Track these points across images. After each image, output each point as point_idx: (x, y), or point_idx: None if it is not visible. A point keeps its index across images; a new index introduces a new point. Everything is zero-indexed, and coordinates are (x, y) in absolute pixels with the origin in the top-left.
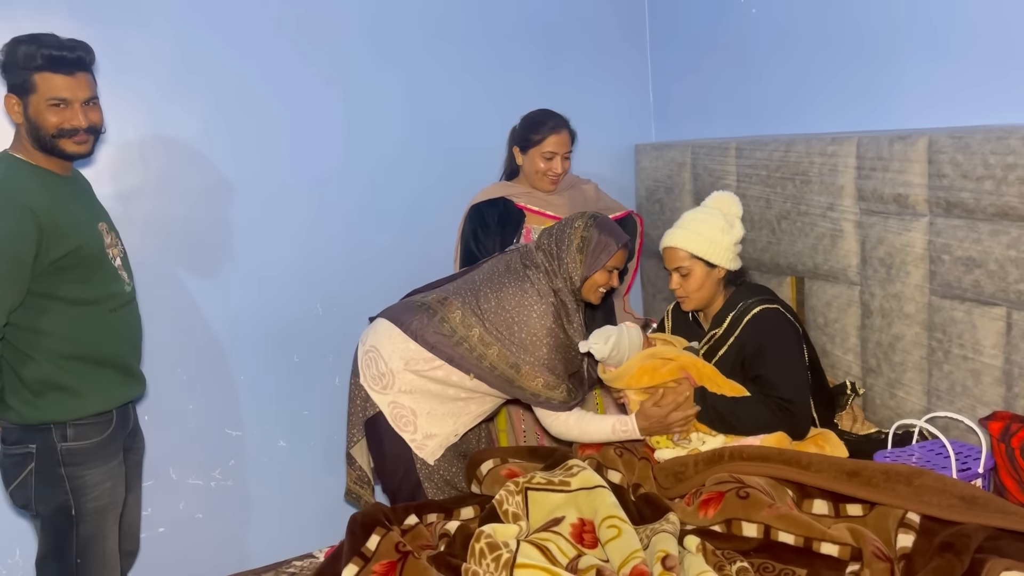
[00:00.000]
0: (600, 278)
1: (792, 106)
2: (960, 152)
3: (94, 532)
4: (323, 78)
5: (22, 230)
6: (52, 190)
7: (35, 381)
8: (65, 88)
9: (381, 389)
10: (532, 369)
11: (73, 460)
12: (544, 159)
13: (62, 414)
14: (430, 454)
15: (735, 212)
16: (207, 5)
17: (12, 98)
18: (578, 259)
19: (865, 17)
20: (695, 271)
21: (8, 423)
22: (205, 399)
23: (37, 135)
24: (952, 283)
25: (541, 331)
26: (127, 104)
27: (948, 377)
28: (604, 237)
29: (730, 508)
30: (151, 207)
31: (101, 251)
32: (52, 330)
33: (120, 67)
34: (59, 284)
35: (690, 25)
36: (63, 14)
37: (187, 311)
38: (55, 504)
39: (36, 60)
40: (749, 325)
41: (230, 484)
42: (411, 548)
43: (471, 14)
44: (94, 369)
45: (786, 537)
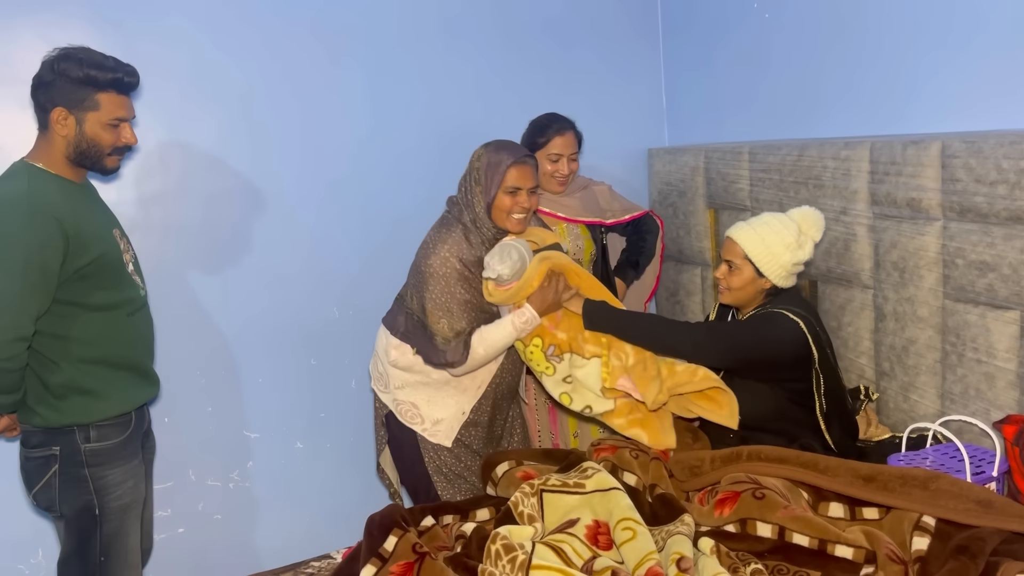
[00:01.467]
0: (504, 202)
1: (805, 110)
2: (973, 157)
3: (117, 530)
4: (338, 81)
5: (49, 239)
6: (73, 199)
7: (58, 385)
8: (126, 109)
9: (384, 388)
10: (434, 308)
11: (96, 460)
12: (550, 161)
13: (85, 416)
14: (445, 438)
15: (812, 234)
16: (224, 13)
17: (62, 112)
18: (476, 190)
19: (878, 22)
20: (744, 271)
21: (32, 427)
22: (223, 402)
23: (87, 150)
24: (966, 287)
25: (446, 270)
26: (147, 110)
27: (962, 381)
28: (495, 156)
29: (745, 508)
30: (170, 211)
31: (119, 257)
32: (76, 336)
33: (140, 73)
34: (83, 291)
35: (703, 29)
36: (86, 22)
37: (206, 314)
38: (79, 504)
39: (104, 80)
40: (755, 318)
41: (248, 485)
42: (428, 549)
43: (485, 19)
44: (113, 372)
45: (800, 539)
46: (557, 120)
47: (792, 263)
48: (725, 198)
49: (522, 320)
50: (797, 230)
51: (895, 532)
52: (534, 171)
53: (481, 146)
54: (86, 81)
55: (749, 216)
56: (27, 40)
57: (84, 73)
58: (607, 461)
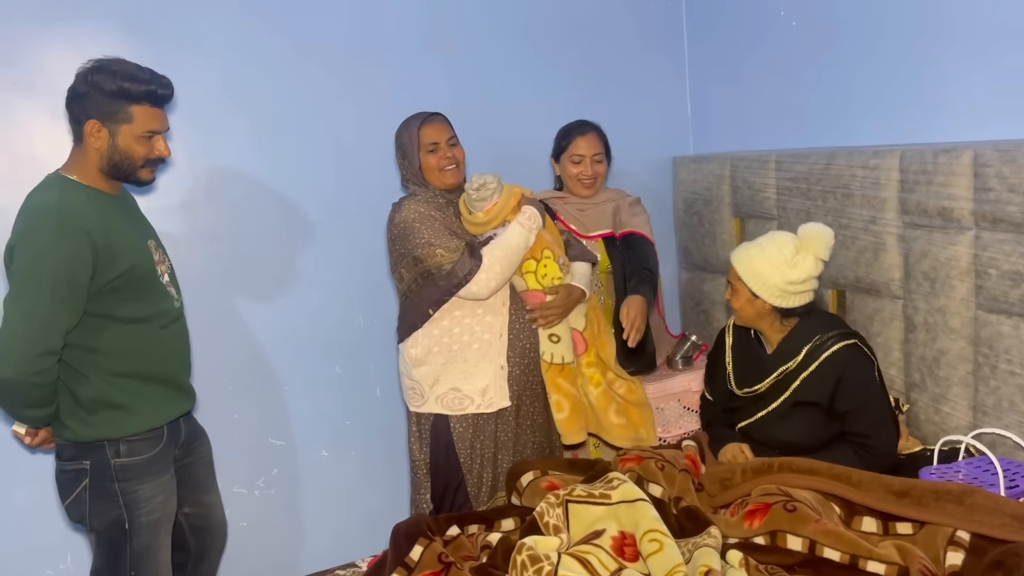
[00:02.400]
0: (429, 161)
1: (833, 118)
2: (1006, 165)
3: (147, 545)
4: (365, 90)
5: (78, 253)
6: (106, 211)
7: (89, 399)
8: (159, 121)
9: (422, 398)
10: (424, 250)
11: (126, 475)
12: (573, 163)
13: (115, 431)
14: (501, 400)
15: (816, 251)
16: (253, 25)
17: (96, 124)
18: (404, 163)
19: (907, 28)
20: (740, 292)
21: (63, 440)
22: (250, 409)
23: (120, 163)
24: (999, 297)
25: (411, 216)
26: (177, 120)
27: (995, 393)
28: (406, 125)
29: (776, 520)
30: (199, 220)
31: (152, 269)
32: (106, 349)
33: (176, 86)
34: (114, 304)
35: (728, 37)
36: (118, 32)
37: (232, 322)
38: (109, 519)
39: (137, 92)
40: (827, 364)
41: (274, 493)
42: (454, 559)
43: (509, 30)
44: (145, 386)
45: (832, 553)
46: (580, 123)
47: (785, 283)
48: (751, 207)
49: (526, 216)
50: (793, 250)
51: (929, 547)
52: (445, 124)
53: (398, 128)
54: (120, 94)
55: (775, 225)
56: (60, 51)
57: (118, 86)
58: (632, 472)
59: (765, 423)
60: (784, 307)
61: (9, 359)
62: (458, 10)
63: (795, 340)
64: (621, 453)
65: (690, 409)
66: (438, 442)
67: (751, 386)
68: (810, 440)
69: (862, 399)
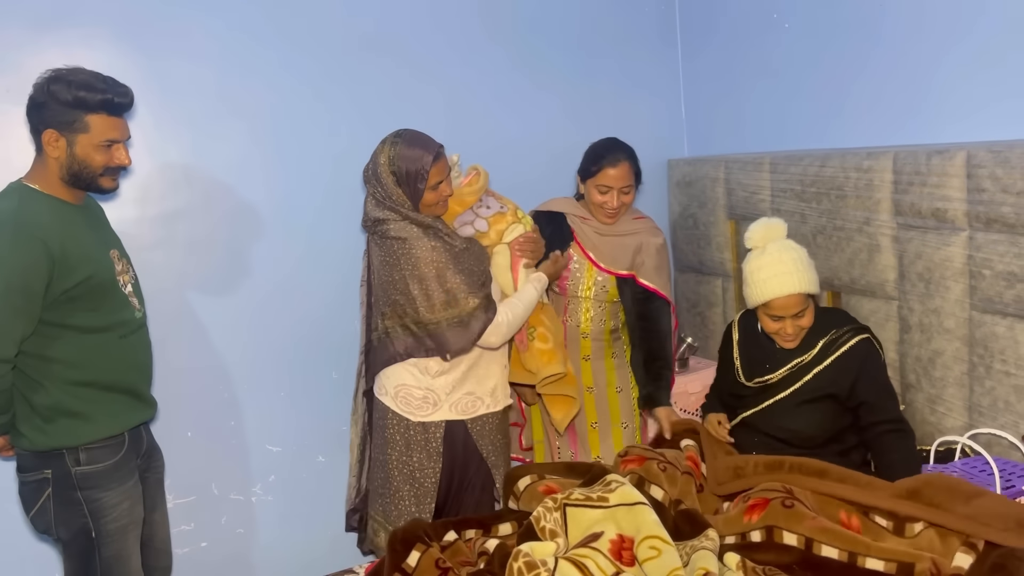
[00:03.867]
0: (430, 197)
1: (826, 121)
2: (1000, 166)
3: (116, 553)
4: (358, 98)
5: (33, 262)
6: (65, 220)
7: (45, 408)
8: (118, 130)
9: (430, 413)
10: (460, 297)
11: (89, 483)
12: (599, 192)
13: (73, 439)
14: (505, 398)
15: (779, 234)
16: (247, 32)
17: (53, 134)
18: (400, 192)
19: (900, 30)
20: (809, 309)
21: (21, 450)
22: (246, 416)
23: (79, 172)
24: (993, 298)
25: (438, 257)
26: (171, 127)
27: (990, 393)
28: (412, 156)
29: (773, 515)
30: (194, 227)
31: (112, 279)
32: (62, 358)
33: (164, 92)
34: (70, 313)
35: (722, 40)
36: (110, 40)
37: (228, 329)
38: (75, 528)
39: (93, 102)
40: (846, 357)
41: (271, 499)
42: (451, 564)
43: (503, 33)
44: (103, 394)
45: (829, 551)
46: (613, 151)
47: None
48: (746, 209)
49: (537, 279)
50: (792, 244)
51: (936, 547)
52: (446, 160)
53: (388, 146)
54: (76, 103)
55: None
56: (52, 58)
57: (73, 95)
58: (634, 474)
59: (773, 413)
60: None
61: None
62: (452, 15)
63: (810, 334)
64: (622, 454)
65: (686, 411)
66: (453, 448)
67: (761, 376)
68: (818, 431)
69: (883, 389)
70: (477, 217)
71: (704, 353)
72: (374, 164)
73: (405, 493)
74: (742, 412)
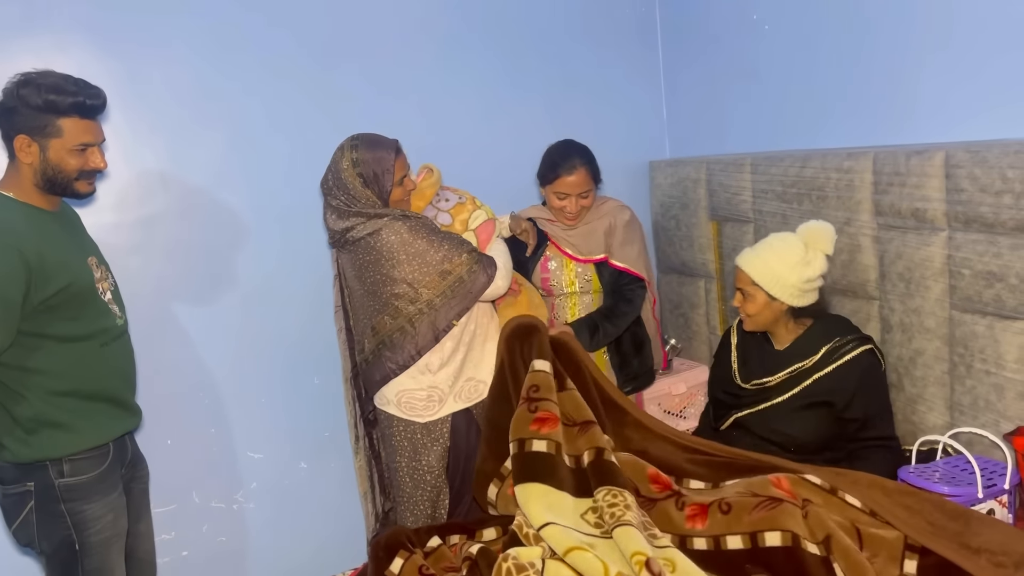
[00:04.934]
0: (398, 193)
1: (807, 121)
2: (978, 166)
3: (100, 565)
4: (336, 99)
5: (10, 271)
6: (41, 228)
7: (27, 419)
8: (91, 133)
9: (437, 410)
10: (452, 261)
11: (72, 495)
12: (558, 198)
13: (56, 450)
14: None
15: (822, 247)
16: (225, 36)
17: (25, 139)
18: (369, 193)
19: (879, 31)
20: (756, 297)
21: (3, 462)
22: (226, 423)
23: (54, 177)
24: (973, 297)
25: (414, 236)
26: (147, 132)
27: (971, 392)
28: (375, 156)
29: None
30: (173, 232)
31: (91, 287)
32: (43, 368)
33: (140, 96)
34: (49, 322)
35: (703, 41)
36: (84, 46)
37: (208, 335)
38: (58, 540)
39: (64, 105)
40: (848, 367)
41: (252, 507)
42: (435, 571)
43: (482, 35)
44: (86, 404)
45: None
46: (568, 158)
47: (802, 281)
48: (728, 210)
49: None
50: (803, 248)
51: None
52: (405, 156)
53: (348, 151)
54: (46, 107)
55: (752, 228)
56: (26, 64)
57: (44, 99)
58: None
59: (768, 416)
60: (800, 306)
61: None
62: (431, 19)
63: (812, 340)
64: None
65: (670, 412)
66: (459, 441)
67: (759, 379)
68: (811, 437)
69: (881, 405)
70: (439, 212)
71: (688, 354)
72: (335, 172)
73: (419, 498)
74: (736, 413)
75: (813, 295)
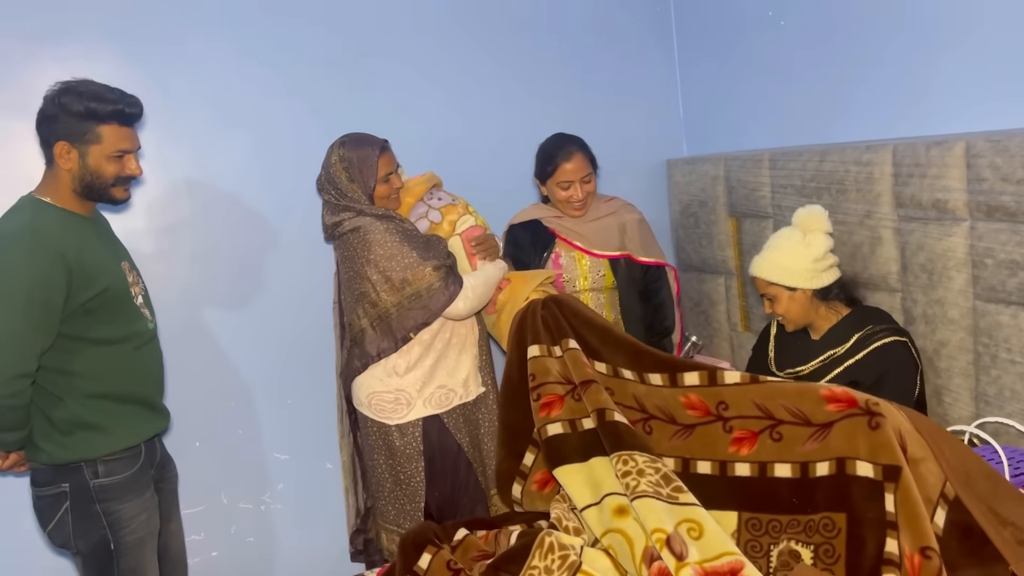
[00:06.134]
0: (382, 190)
1: (824, 115)
2: (999, 155)
3: (134, 565)
4: (357, 105)
5: (52, 275)
6: (79, 233)
7: (63, 421)
8: (129, 140)
9: (405, 413)
10: (412, 271)
11: (107, 496)
12: (561, 189)
13: (91, 452)
14: (476, 388)
15: (816, 227)
16: (248, 43)
17: (65, 145)
18: (355, 187)
19: (895, 22)
20: (779, 297)
21: (39, 464)
22: (253, 425)
23: (91, 183)
24: (996, 287)
25: (388, 238)
26: (172, 139)
27: (996, 382)
28: (359, 152)
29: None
30: (198, 238)
31: (126, 291)
32: (80, 371)
33: (167, 106)
34: (88, 326)
35: (717, 38)
36: (111, 54)
37: (233, 338)
38: (94, 540)
39: (104, 113)
40: (875, 355)
41: (279, 507)
42: (462, 565)
43: (499, 36)
44: (119, 406)
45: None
46: (562, 146)
47: (810, 262)
48: (747, 206)
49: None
50: (800, 233)
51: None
52: (392, 153)
53: (336, 148)
54: (87, 114)
55: (771, 224)
56: (53, 73)
57: (85, 106)
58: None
59: None
60: (822, 287)
61: None
62: (447, 20)
63: (846, 327)
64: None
65: None
66: (432, 446)
67: (793, 367)
68: None
69: (904, 399)
70: (430, 208)
71: (709, 352)
72: (325, 169)
73: (398, 494)
74: None
75: (830, 274)
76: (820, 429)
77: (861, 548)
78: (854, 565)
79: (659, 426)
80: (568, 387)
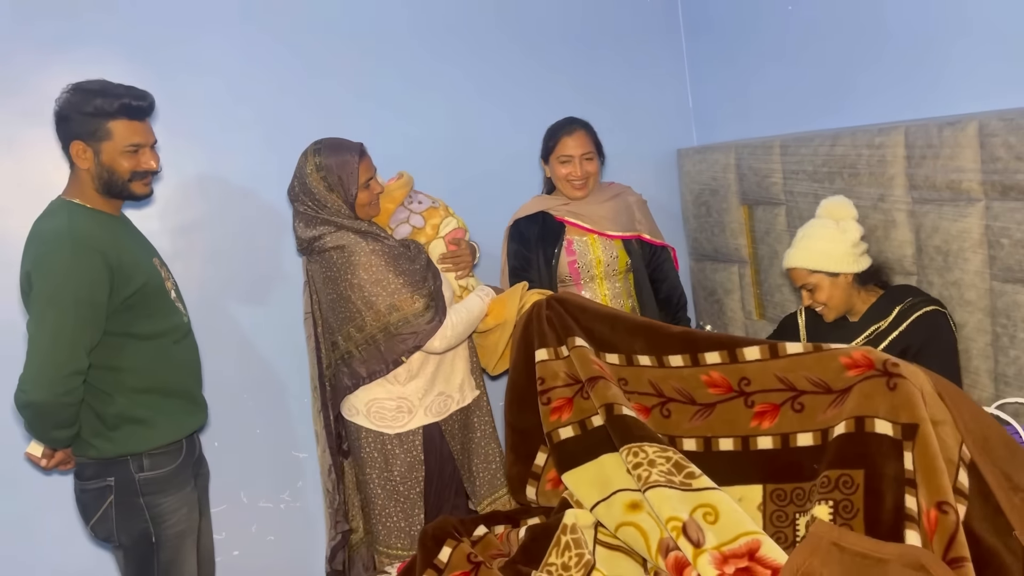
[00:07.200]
0: (364, 197)
1: (834, 99)
2: (1013, 134)
3: (174, 558)
4: (367, 102)
5: (96, 273)
6: (113, 231)
7: (112, 416)
8: (140, 134)
9: (407, 422)
10: (401, 298)
11: (150, 489)
12: (562, 164)
13: (138, 446)
14: (472, 391)
15: (846, 214)
16: (258, 43)
17: (80, 144)
18: (334, 197)
19: (904, 3)
20: (821, 284)
21: (86, 459)
22: (271, 423)
23: (109, 180)
24: (1013, 267)
25: (376, 260)
26: (185, 141)
27: (1015, 363)
28: (338, 160)
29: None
30: (212, 238)
31: (161, 285)
32: (128, 366)
33: (177, 106)
34: (130, 321)
35: (725, 25)
36: (122, 59)
37: (250, 337)
38: (136, 533)
39: (112, 108)
40: (918, 322)
41: (299, 505)
42: (482, 559)
43: (506, 26)
44: (164, 400)
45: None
46: (567, 123)
47: (849, 246)
48: (759, 193)
49: (485, 294)
50: (831, 221)
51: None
52: (370, 158)
53: (311, 155)
54: (96, 112)
55: (784, 211)
56: (66, 79)
57: (92, 104)
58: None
59: None
60: (861, 270)
61: (40, 382)
62: (455, 13)
63: (885, 304)
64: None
65: None
66: (432, 454)
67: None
68: None
69: (949, 368)
70: (412, 213)
71: None
72: (299, 179)
73: (392, 510)
74: None
75: (867, 258)
76: (840, 395)
77: (879, 503)
78: (873, 519)
79: (678, 408)
80: (576, 387)
